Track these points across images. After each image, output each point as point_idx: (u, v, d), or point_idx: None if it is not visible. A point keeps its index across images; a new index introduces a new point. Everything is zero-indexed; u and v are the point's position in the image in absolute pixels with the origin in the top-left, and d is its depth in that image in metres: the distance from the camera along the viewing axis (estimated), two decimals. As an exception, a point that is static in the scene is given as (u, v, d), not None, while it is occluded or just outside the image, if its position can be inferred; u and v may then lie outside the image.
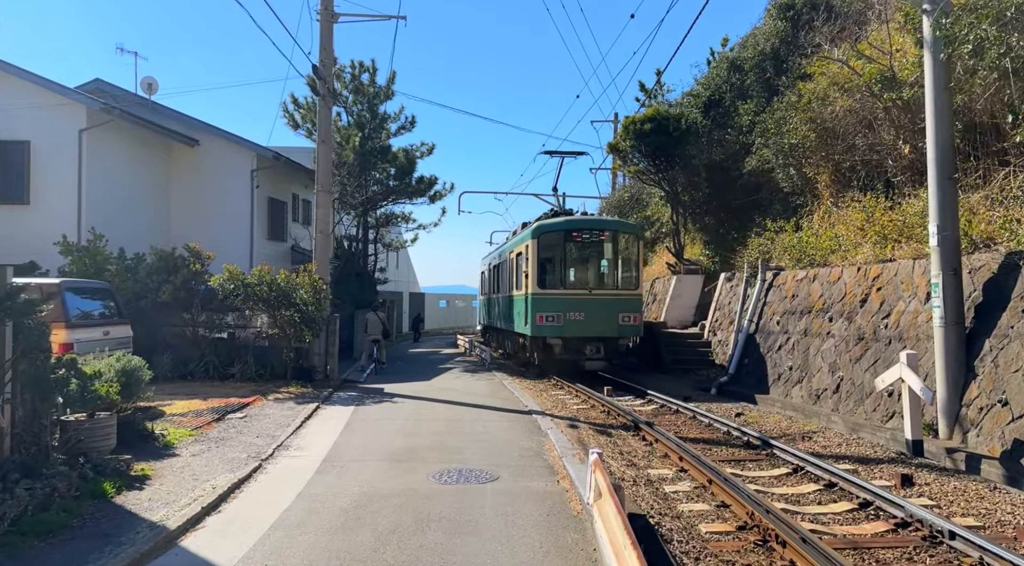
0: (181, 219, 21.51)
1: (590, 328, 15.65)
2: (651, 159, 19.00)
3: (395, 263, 44.87)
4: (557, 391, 14.91)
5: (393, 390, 14.67)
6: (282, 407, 11.82)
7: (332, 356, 15.53)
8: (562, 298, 15.80)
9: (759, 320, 14.59)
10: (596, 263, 16.83)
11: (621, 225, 17.36)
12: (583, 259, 16.81)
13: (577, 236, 16.28)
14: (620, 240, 16.61)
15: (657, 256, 26.36)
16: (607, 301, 15.86)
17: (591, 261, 16.83)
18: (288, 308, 14.61)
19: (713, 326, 18.46)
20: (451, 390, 14.65)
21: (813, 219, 14.96)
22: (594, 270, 16.81)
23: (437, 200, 26.73)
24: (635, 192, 27.35)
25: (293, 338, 14.91)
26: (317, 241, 15.64)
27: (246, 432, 9.49)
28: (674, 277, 20.64)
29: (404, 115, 25.45)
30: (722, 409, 12.28)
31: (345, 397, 13.47)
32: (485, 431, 9.76)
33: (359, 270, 25.47)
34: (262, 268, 14.53)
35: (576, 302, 15.69)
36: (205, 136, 21.70)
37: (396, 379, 17.44)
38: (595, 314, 15.63)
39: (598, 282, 16.53)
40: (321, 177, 15.47)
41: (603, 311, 15.70)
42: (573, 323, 15.63)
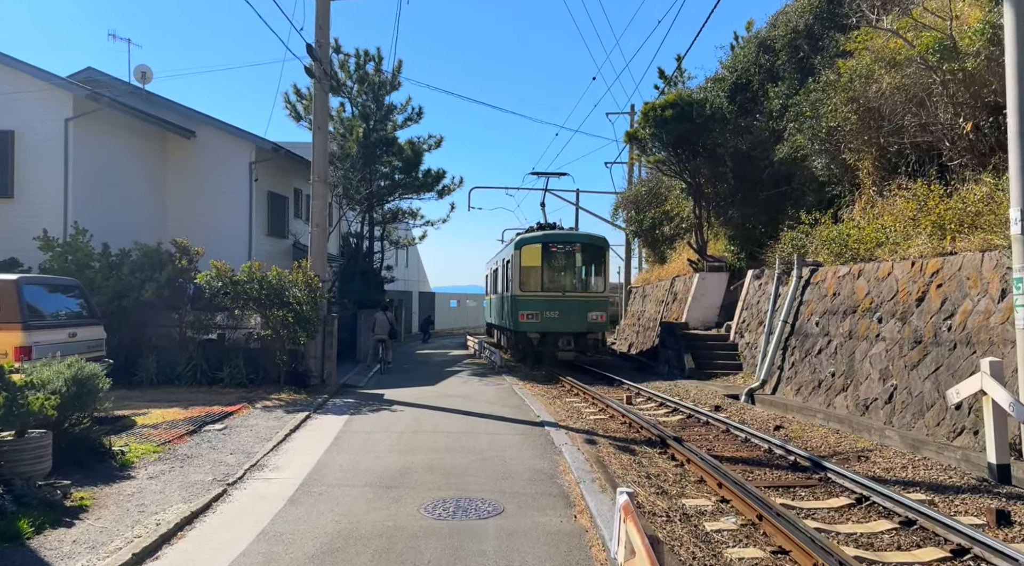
0: (177, 214, 20.51)
1: (564, 324, 18.37)
2: (672, 148, 17.74)
3: (404, 262, 43.85)
4: (571, 398, 13.70)
5: (393, 397, 13.54)
6: (268, 417, 10.71)
7: (329, 359, 14.41)
8: (540, 299, 18.52)
9: (795, 321, 13.29)
10: (569, 270, 19.30)
11: (589, 238, 19.74)
12: (558, 267, 19.24)
13: (553, 247, 19.01)
14: (589, 251, 19.26)
15: (676, 253, 25.07)
16: (578, 301, 18.59)
17: (565, 268, 19.28)
18: (281, 308, 13.52)
19: (740, 327, 17.16)
20: (456, 397, 13.49)
21: (853, 210, 13.64)
22: (567, 276, 19.26)
23: (446, 195, 25.65)
24: (653, 185, 26.06)
25: (287, 340, 13.81)
26: (313, 236, 14.54)
27: (220, 448, 8.37)
28: (696, 275, 19.35)
29: (411, 106, 24.35)
30: (757, 420, 11.01)
31: (340, 405, 12.35)
32: (490, 447, 8.58)
33: (364, 268, 24.40)
34: (252, 264, 13.44)
35: (552, 302, 18.42)
36: (202, 127, 20.69)
37: (399, 383, 16.32)
38: (568, 312, 18.35)
39: (570, 286, 19.00)
40: (317, 166, 14.36)
41: (575, 310, 18.44)
42: (549, 320, 18.34)
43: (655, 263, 28.78)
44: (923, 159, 11.98)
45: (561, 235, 19.69)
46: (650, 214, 26.14)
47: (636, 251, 34.01)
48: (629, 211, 28.01)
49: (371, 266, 25.19)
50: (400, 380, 17.04)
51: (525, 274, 18.98)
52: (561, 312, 18.30)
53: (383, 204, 25.67)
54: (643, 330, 25.38)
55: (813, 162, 14.74)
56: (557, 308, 18.35)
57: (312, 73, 13.74)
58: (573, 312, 18.37)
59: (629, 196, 27.90)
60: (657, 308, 24.05)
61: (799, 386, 12.38)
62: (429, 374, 18.48)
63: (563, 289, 18.70)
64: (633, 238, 30.22)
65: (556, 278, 19.08)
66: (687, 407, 11.90)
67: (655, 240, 27.60)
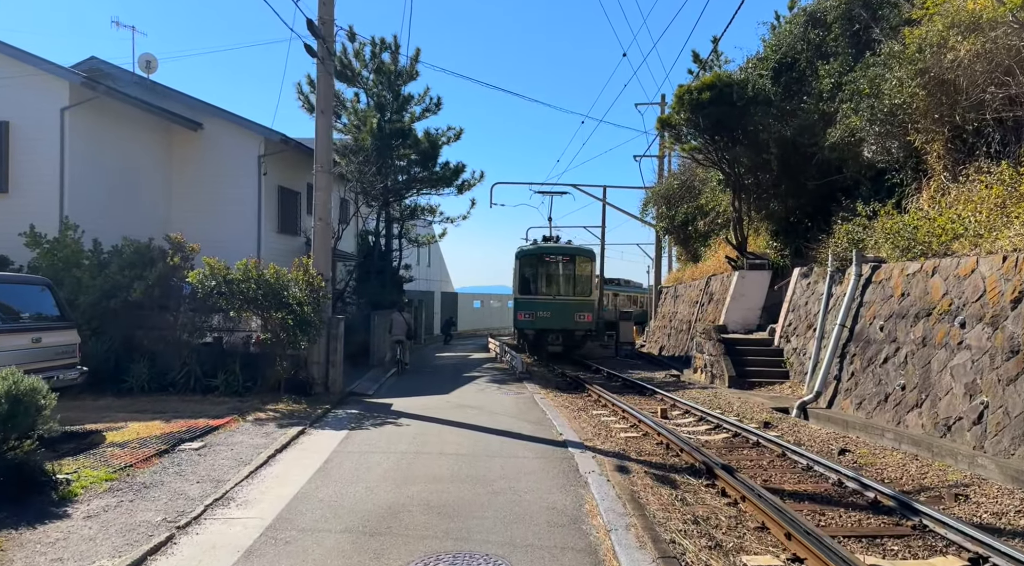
0: (183, 210, 19.57)
1: (554, 323, 21.77)
2: (709, 135, 16.22)
3: (426, 261, 42.77)
4: (598, 410, 12.30)
5: (402, 407, 12.29)
6: (258, 432, 9.52)
7: (334, 365, 13.23)
8: (534, 301, 22.24)
9: (854, 324, 11.72)
10: (559, 277, 22.67)
11: (578, 250, 23.22)
12: (550, 275, 22.70)
13: (546, 258, 22.76)
14: (577, 261, 22.65)
15: (711, 251, 23.50)
16: (566, 304, 22.03)
17: (556, 276, 22.66)
18: (279, 309, 12.36)
19: (785, 331, 15.59)
20: (471, 408, 12.18)
21: (919, 199, 12.02)
22: (557, 282, 22.69)
23: (466, 190, 24.38)
24: (686, 178, 24.49)
25: (287, 344, 12.66)
26: (316, 230, 13.37)
27: (188, 473, 7.17)
28: (736, 273, 17.79)
29: (429, 96, 23.12)
30: (816, 441, 9.51)
31: (342, 417, 11.13)
32: (503, 476, 7.25)
33: (380, 267, 23.26)
34: (248, 262, 12.30)
35: (544, 304, 22.00)
36: (209, 119, 19.72)
37: (412, 390, 15.08)
38: (557, 313, 21.78)
39: (560, 291, 22.44)
40: (320, 154, 13.18)
41: (563, 311, 21.87)
42: (542, 319, 21.90)
43: (687, 261, 27.21)
44: (1008, 138, 10.34)
45: (553, 248, 23.37)
46: (682, 209, 24.57)
47: (666, 249, 32.43)
48: (659, 206, 26.46)
49: (388, 265, 24.04)
50: (413, 387, 15.80)
51: (523, 281, 22.84)
52: (552, 312, 21.86)
53: (401, 200, 24.50)
54: (675, 332, 23.83)
55: (870, 147, 13.16)
56: (549, 309, 21.95)
57: (314, 52, 12.55)
58: (562, 313, 21.92)
59: (660, 190, 26.36)
60: (690, 309, 22.49)
61: (861, 400, 10.82)
62: (445, 380, 17.22)
63: (554, 294, 22.37)
64: (664, 235, 28.66)
65: (548, 284, 22.66)
66: (731, 423, 10.43)
67: (687, 237, 26.02)
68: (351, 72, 22.37)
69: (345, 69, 22.37)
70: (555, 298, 22.17)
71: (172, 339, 12.82)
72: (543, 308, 21.98)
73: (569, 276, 22.59)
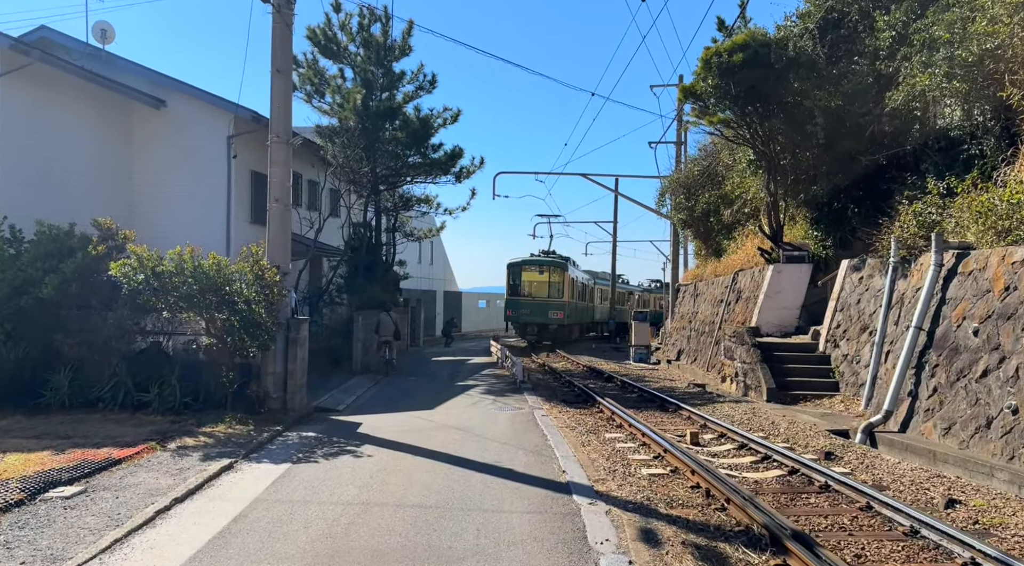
0: (147, 198, 17.49)
1: (532, 318, 28.38)
2: (741, 105, 13.89)
3: (428, 259, 40.60)
4: (612, 432, 10.00)
5: (372, 428, 10.06)
6: (171, 467, 7.33)
7: (294, 375, 11.01)
8: (517, 301, 28.82)
9: (933, 326, 9.35)
10: (537, 283, 28.79)
11: (552, 261, 29.37)
12: (529, 281, 28.96)
13: (527, 268, 29.05)
14: (552, 270, 28.75)
15: (737, 243, 21.12)
16: (541, 303, 28.43)
17: (535, 282, 28.82)
18: (224, 309, 10.17)
19: (833, 334, 13.22)
20: (456, 429, 9.93)
21: (1013, 169, 9.63)
22: (536, 286, 28.84)
23: (464, 178, 22.10)
24: (708, 165, 22.11)
25: (234, 351, 10.47)
26: (271, 214, 11.16)
27: (18, 546, 4.97)
28: (770, 267, 15.43)
29: (423, 74, 20.86)
30: (903, 482, 7.17)
31: (291, 444, 8.91)
32: (477, 550, 4.99)
33: (369, 263, 21.05)
34: (183, 251, 10.09)
35: (526, 304, 28.57)
36: (173, 95, 17.58)
37: (392, 403, 12.87)
38: (536, 311, 28.29)
39: (537, 293, 28.68)
40: (276, 122, 10.98)
41: (540, 309, 28.29)
42: (524, 315, 28.63)
43: (707, 257, 24.82)
44: None
45: (533, 259, 29.66)
46: (703, 198, 22.20)
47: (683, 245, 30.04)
48: (678, 196, 24.09)
49: (379, 260, 21.84)
50: (395, 398, 13.58)
51: (510, 286, 29.50)
52: (531, 310, 28.59)
53: (393, 189, 22.29)
54: (696, 335, 21.48)
55: (943, 110, 10.77)
56: (528, 307, 28.68)
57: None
58: (538, 310, 28.53)
59: (678, 178, 23.99)
60: (714, 309, 20.14)
61: (949, 424, 8.45)
62: (435, 389, 14.98)
63: (533, 295, 28.86)
64: (681, 228, 26.27)
65: (529, 288, 29.04)
66: (782, 453, 8.12)
67: (708, 230, 23.64)
68: (336, 46, 20.18)
69: (330, 43, 20.20)
70: (533, 299, 28.83)
71: (99, 345, 10.64)
72: (524, 307, 28.83)
73: (543, 283, 28.92)
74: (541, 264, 28.95)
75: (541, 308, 28.31)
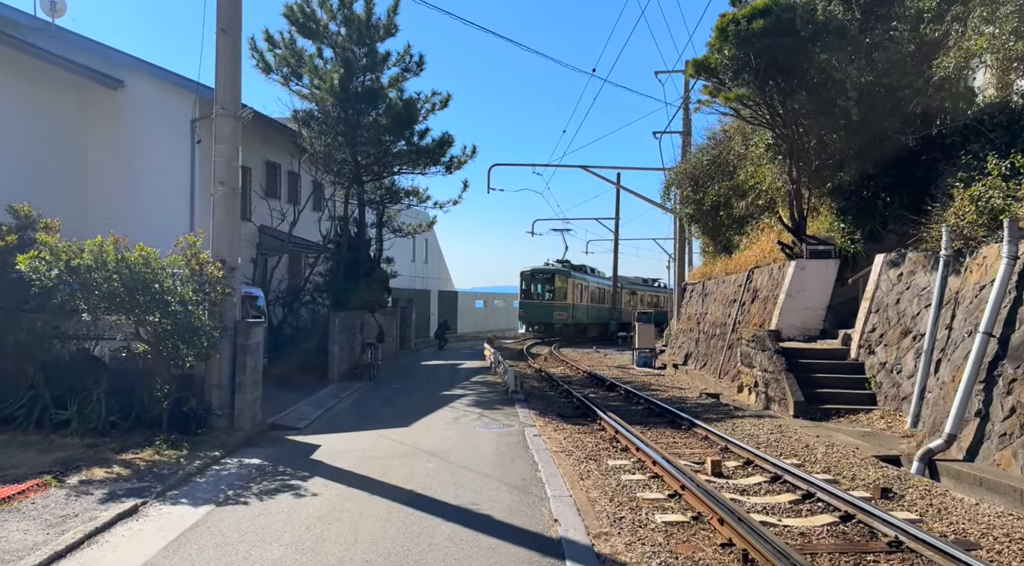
0: (103, 189, 15.97)
1: (540, 317, 34.65)
2: (762, 78, 12.25)
3: (422, 257, 39.01)
4: (618, 457, 8.37)
5: (331, 452, 8.45)
6: (58, 512, 5.75)
7: (243, 388, 9.40)
8: (528, 303, 35.12)
9: (1008, 331, 7.73)
10: (544, 288, 34.51)
11: (556, 270, 34.91)
12: (539, 285, 34.68)
13: (535, 275, 34.85)
14: (556, 277, 34.44)
15: (750, 239, 19.48)
16: (549, 305, 34.40)
17: (542, 287, 34.55)
18: (156, 310, 8.56)
19: (867, 339, 11.60)
20: (430, 456, 8.31)
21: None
22: (543, 291, 34.57)
23: (455, 169, 20.53)
24: (718, 153, 20.47)
25: (170, 360, 8.87)
26: (216, 199, 9.56)
27: None
28: (792, 264, 13.80)
29: (409, 54, 19.26)
30: (998, 537, 5.55)
31: (224, 475, 7.31)
32: None
33: (351, 259, 19.46)
34: (104, 241, 8.47)
35: (534, 305, 34.75)
36: (131, 74, 16.06)
37: (365, 418, 11.28)
38: (542, 311, 34.44)
39: (543, 296, 34.47)
40: (222, 91, 9.36)
41: (546, 310, 34.35)
42: (533, 315, 35.05)
43: (716, 254, 23.15)
44: None
45: (541, 268, 35.16)
46: (713, 190, 20.56)
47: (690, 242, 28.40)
48: (685, 189, 22.45)
49: (363, 257, 20.22)
50: (370, 412, 11.98)
51: (523, 291, 35.38)
52: (538, 311, 34.27)
53: (379, 180, 20.70)
54: (705, 338, 19.84)
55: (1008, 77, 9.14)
56: (536, 308, 34.38)
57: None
58: (546, 311, 34.19)
59: (685, 169, 22.35)
60: (725, 310, 18.51)
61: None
62: (417, 400, 13.37)
63: (539, 298, 34.41)
64: (688, 224, 24.62)
65: (537, 292, 34.52)
66: (826, 489, 6.50)
67: (718, 225, 21.98)
68: (315, 24, 18.57)
69: (308, 21, 18.58)
70: (541, 302, 34.64)
71: (10, 352, 9.04)
72: (533, 308, 34.99)
73: (549, 288, 34.50)
74: (547, 272, 34.75)
75: (547, 310, 34.29)
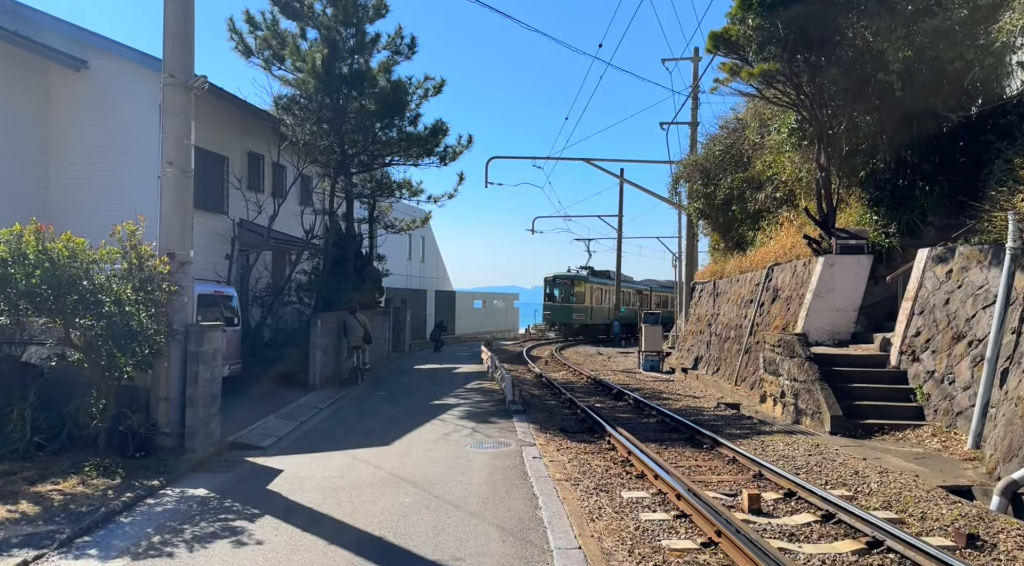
0: (67, 179, 14.72)
1: (561, 318, 38.68)
2: (790, 51, 10.92)
3: (419, 256, 37.70)
4: (634, 489, 7.04)
5: (292, 480, 7.14)
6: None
7: (195, 403, 8.07)
8: (551, 306, 39.12)
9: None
10: (564, 291, 38.50)
11: (575, 276, 39.09)
12: (561, 289, 38.58)
13: (557, 280, 38.79)
14: (575, 282, 38.61)
15: (765, 234, 18.16)
16: (569, 307, 38.32)
17: (563, 291, 38.57)
18: (87, 311, 7.25)
19: (911, 344, 10.28)
20: (410, 484, 6.99)
21: None
22: (563, 294, 38.57)
23: (450, 161, 19.21)
24: (731, 143, 19.16)
25: (106, 370, 7.55)
26: (165, 182, 8.24)
27: None
28: (820, 259, 12.47)
29: (401, 36, 17.93)
30: None
31: (159, 512, 6.00)
32: None
33: (339, 256, 18.18)
34: (24, 230, 7.15)
35: (556, 307, 38.77)
36: (96, 54, 14.78)
37: (343, 433, 9.96)
38: (563, 312, 38.44)
39: (564, 299, 38.42)
40: (171, 56, 8.05)
41: (567, 311, 38.35)
42: (556, 315, 39.00)
43: (727, 251, 21.83)
44: None
45: (561, 275, 38.94)
46: (726, 183, 19.25)
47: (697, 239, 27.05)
48: (694, 182, 21.14)
49: (352, 253, 18.93)
50: (347, 427, 10.66)
51: (546, 294, 39.38)
52: (560, 312, 38.46)
53: (369, 171, 19.39)
54: (718, 341, 18.53)
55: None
56: (558, 310, 38.49)
57: None
58: (566, 312, 38.24)
59: (695, 161, 21.04)
60: (741, 311, 17.19)
61: None
62: (403, 411, 12.06)
63: (561, 300, 38.27)
64: (697, 219, 23.30)
65: (559, 294, 38.43)
66: (895, 535, 5.20)
67: (729, 220, 20.66)
68: (299, 3, 17.25)
69: (292, 0, 17.32)
70: (561, 303, 38.32)
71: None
72: (556, 310, 38.73)
73: (569, 292, 38.31)
74: (567, 278, 38.67)
75: (568, 311, 38.20)
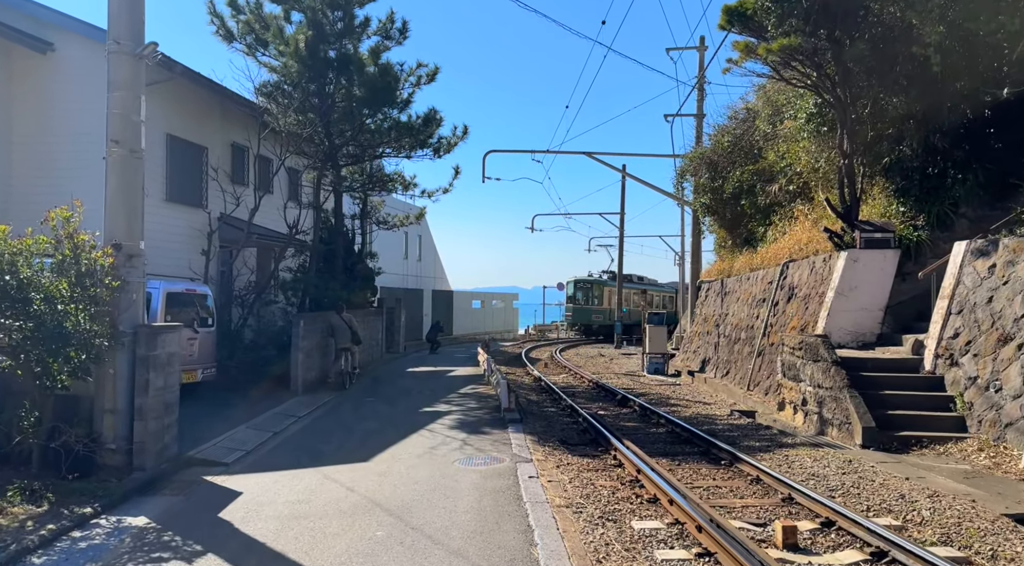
0: (30, 165, 13.75)
1: (582, 319, 41.88)
2: (813, 24, 9.95)
3: (416, 254, 36.76)
4: (646, 518, 6.06)
5: (250, 507, 6.16)
6: None
7: (144, 414, 7.10)
8: (573, 308, 42.54)
9: None
10: (586, 293, 41.71)
11: (596, 280, 42.08)
12: (581, 293, 41.81)
13: (579, 284, 41.88)
14: (593, 286, 41.63)
15: (776, 230, 17.19)
16: (589, 309, 41.49)
17: (585, 293, 41.73)
18: (12, 310, 6.28)
19: (948, 347, 9.30)
20: (385, 513, 6.01)
21: None
22: (585, 296, 41.66)
23: (445, 153, 18.27)
24: (740, 133, 18.19)
25: (39, 378, 6.58)
26: (110, 163, 7.28)
27: None
28: (842, 255, 11.49)
29: (392, 21, 16.95)
30: None
31: (80, 550, 5.04)
32: None
33: (327, 253, 17.23)
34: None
35: (578, 309, 41.92)
36: (63, 36, 13.83)
37: (319, 445, 8.99)
38: (584, 314, 41.70)
39: (585, 301, 41.67)
40: (116, 22, 7.11)
41: (587, 313, 41.56)
42: (576, 316, 42.29)
43: (735, 248, 20.86)
44: None
45: (583, 279, 41.96)
46: (735, 175, 18.28)
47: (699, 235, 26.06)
48: (701, 176, 20.17)
49: (342, 250, 17.96)
50: (324, 439, 9.67)
51: (569, 297, 43.02)
52: (581, 314, 41.68)
53: (359, 163, 18.43)
54: (727, 342, 17.55)
55: None
56: (579, 310, 41.73)
57: None
58: (585, 314, 41.45)
59: (702, 154, 20.07)
60: (752, 311, 16.21)
61: None
62: (388, 420, 11.08)
63: (582, 302, 41.49)
64: (704, 215, 22.33)
65: (581, 297, 41.58)
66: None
67: (738, 215, 19.69)
68: None
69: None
70: (583, 305, 41.23)
71: None
72: (577, 311, 41.66)
73: (589, 295, 41.19)
74: (588, 282, 41.61)
75: (588, 313, 41.21)
